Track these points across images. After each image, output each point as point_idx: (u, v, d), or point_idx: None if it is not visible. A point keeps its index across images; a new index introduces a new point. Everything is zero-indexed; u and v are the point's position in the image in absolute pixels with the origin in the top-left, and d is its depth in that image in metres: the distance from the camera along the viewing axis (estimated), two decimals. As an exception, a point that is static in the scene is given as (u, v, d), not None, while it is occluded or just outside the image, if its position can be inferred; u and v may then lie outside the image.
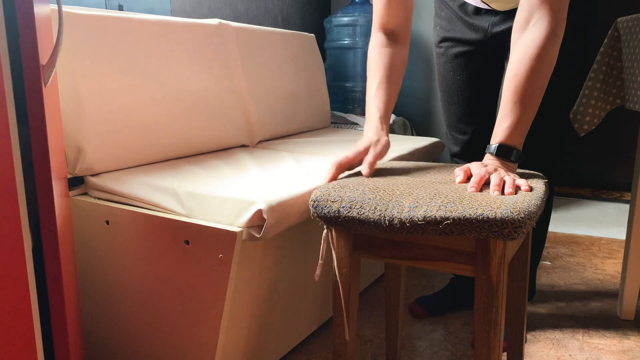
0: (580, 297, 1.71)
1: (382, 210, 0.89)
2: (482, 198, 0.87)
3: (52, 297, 0.83)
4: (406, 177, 1.04)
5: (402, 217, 0.87)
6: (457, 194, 0.90)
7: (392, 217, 0.88)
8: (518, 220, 0.81)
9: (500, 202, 0.85)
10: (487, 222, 0.82)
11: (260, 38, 1.85)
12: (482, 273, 0.88)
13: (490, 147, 1.01)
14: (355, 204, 0.92)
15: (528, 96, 0.98)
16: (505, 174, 0.94)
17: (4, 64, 0.67)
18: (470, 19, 1.37)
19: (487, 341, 0.89)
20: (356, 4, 2.53)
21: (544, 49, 0.97)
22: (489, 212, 0.82)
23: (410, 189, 0.94)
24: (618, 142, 2.89)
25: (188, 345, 1.12)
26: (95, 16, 1.28)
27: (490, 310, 0.88)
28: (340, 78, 2.55)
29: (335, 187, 0.97)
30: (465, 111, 1.44)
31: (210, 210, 1.07)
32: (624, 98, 1.49)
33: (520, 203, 0.85)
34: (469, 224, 0.83)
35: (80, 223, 1.20)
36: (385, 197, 0.91)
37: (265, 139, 1.83)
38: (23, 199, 0.71)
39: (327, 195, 0.95)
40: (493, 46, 1.37)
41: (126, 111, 1.31)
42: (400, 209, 0.88)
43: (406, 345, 1.43)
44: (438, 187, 0.95)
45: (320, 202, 0.95)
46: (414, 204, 0.88)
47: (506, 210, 0.82)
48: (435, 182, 1.00)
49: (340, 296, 1.00)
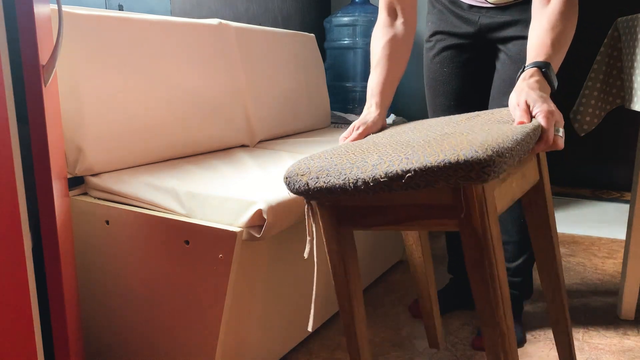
0: (580, 297, 1.71)
1: (346, 174, 0.82)
2: (450, 141, 0.80)
3: (52, 297, 0.83)
4: (389, 136, 0.97)
5: (365, 177, 0.80)
6: (426, 143, 0.82)
7: (356, 179, 0.81)
8: (484, 160, 0.72)
9: (467, 142, 0.77)
10: (450, 168, 0.73)
11: (260, 38, 1.85)
12: (466, 226, 0.79)
13: (537, 63, 0.99)
14: (322, 172, 0.85)
15: (561, 39, 1.01)
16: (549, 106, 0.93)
17: (4, 64, 0.67)
18: (462, 13, 1.38)
19: (487, 299, 0.80)
20: (356, 4, 2.53)
21: (567, 10, 1.03)
22: (451, 155, 0.74)
23: (381, 146, 0.88)
24: (618, 142, 2.89)
25: (188, 345, 1.12)
26: (95, 16, 1.28)
27: (482, 265, 0.79)
28: (340, 78, 2.55)
29: (307, 159, 0.92)
30: (451, 103, 1.43)
31: (210, 210, 1.07)
32: (624, 98, 1.49)
33: (491, 140, 0.77)
34: (432, 173, 0.75)
35: (80, 223, 1.20)
36: (350, 160, 0.85)
37: (265, 139, 1.83)
38: (23, 199, 0.71)
39: (297, 170, 0.88)
40: (484, 40, 1.38)
41: (126, 111, 1.31)
42: (364, 169, 0.81)
43: (406, 345, 1.43)
44: (411, 136, 0.89)
45: (291, 178, 0.89)
46: (378, 161, 0.81)
47: (470, 150, 0.74)
48: (415, 132, 0.93)
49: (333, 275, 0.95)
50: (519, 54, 1.31)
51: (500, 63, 1.36)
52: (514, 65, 1.32)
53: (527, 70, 0.99)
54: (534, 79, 0.97)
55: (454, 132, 0.88)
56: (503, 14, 1.32)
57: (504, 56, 1.35)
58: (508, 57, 1.33)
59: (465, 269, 1.58)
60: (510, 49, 1.33)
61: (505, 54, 1.34)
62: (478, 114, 1.06)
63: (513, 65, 1.32)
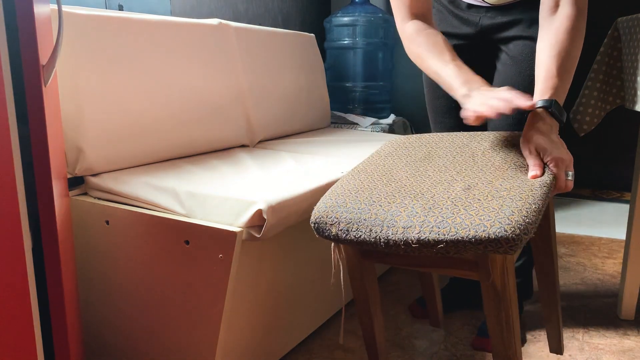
0: (580, 297, 1.71)
1: (377, 232, 0.88)
2: (478, 209, 0.85)
3: (52, 297, 0.83)
4: (409, 174, 1.02)
5: (397, 238, 0.86)
6: (452, 203, 0.88)
7: (387, 239, 0.87)
8: (513, 239, 0.79)
9: (495, 214, 0.82)
10: (481, 243, 0.80)
11: (260, 38, 1.85)
12: (486, 280, 0.88)
13: (545, 101, 0.99)
14: (351, 226, 0.91)
15: (567, 64, 1.02)
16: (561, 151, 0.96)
17: (4, 64, 0.67)
18: (461, 13, 1.36)
19: (501, 340, 0.91)
20: (356, 4, 2.53)
21: (575, 26, 1.03)
22: (482, 232, 0.80)
23: (409, 195, 0.93)
24: (618, 142, 2.89)
25: (188, 345, 1.12)
26: (95, 16, 1.28)
27: (500, 313, 0.89)
28: (340, 78, 2.55)
29: (334, 204, 0.96)
30: (452, 105, 1.42)
31: (210, 210, 1.07)
32: (623, 98, 1.49)
33: (518, 214, 0.82)
34: (463, 246, 0.81)
35: (80, 223, 1.20)
36: (380, 215, 0.90)
37: (265, 139, 1.83)
38: (23, 199, 0.71)
39: (326, 217, 0.94)
40: (484, 41, 1.36)
41: (126, 111, 1.31)
42: (394, 229, 0.87)
43: (406, 345, 1.43)
44: (437, 189, 0.93)
45: (320, 225, 0.95)
46: (408, 223, 0.86)
47: (500, 228, 0.79)
48: (438, 177, 0.98)
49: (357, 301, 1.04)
50: (520, 54, 1.30)
51: (501, 63, 1.35)
52: (515, 65, 1.31)
53: (535, 110, 1.01)
54: (541, 122, 0.99)
55: (476, 184, 0.93)
56: (504, 15, 1.31)
57: (504, 56, 1.34)
58: (509, 57, 1.32)
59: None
60: (512, 49, 1.32)
61: (506, 54, 1.33)
62: (489, 140, 1.10)
63: (514, 66, 1.31)
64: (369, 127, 2.31)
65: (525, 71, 1.29)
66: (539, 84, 1.03)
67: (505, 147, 1.06)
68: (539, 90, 1.02)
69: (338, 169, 1.37)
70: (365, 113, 2.52)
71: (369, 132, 2.17)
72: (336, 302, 1.55)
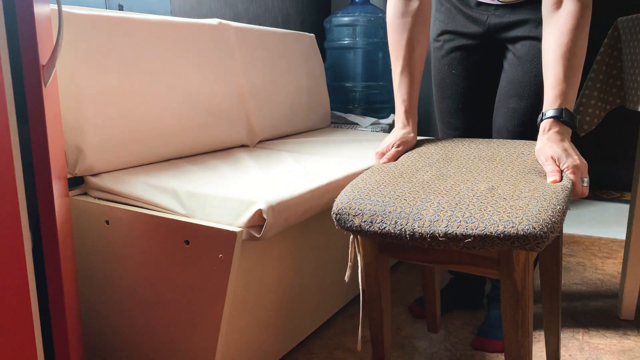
0: (580, 297, 1.71)
1: (402, 225, 0.88)
2: (505, 207, 0.86)
3: (52, 297, 0.83)
4: (429, 176, 1.02)
5: (423, 231, 0.86)
6: (478, 200, 0.88)
7: (412, 231, 0.87)
8: (540, 236, 0.80)
9: (522, 212, 0.83)
10: (509, 239, 0.81)
11: (260, 38, 1.85)
12: (507, 278, 0.89)
13: (556, 111, 1.02)
14: (376, 217, 0.91)
15: (574, 65, 1.03)
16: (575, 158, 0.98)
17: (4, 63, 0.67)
18: (470, 12, 1.36)
19: (515, 339, 0.92)
20: (356, 4, 2.53)
21: (579, 23, 1.03)
22: (510, 228, 0.81)
23: (432, 193, 0.93)
24: (618, 142, 2.89)
25: (188, 345, 1.12)
26: (95, 16, 1.28)
27: (517, 311, 0.90)
28: (340, 78, 2.55)
29: (356, 196, 0.96)
30: (458, 106, 1.43)
31: (210, 210, 1.07)
32: (624, 98, 1.49)
33: (544, 214, 0.83)
34: (491, 241, 0.82)
35: (80, 223, 1.20)
36: (405, 209, 0.90)
37: (265, 139, 1.83)
38: (23, 199, 0.71)
39: (349, 209, 0.94)
40: (492, 40, 1.36)
41: (126, 111, 1.31)
42: (420, 222, 0.87)
43: (406, 345, 1.43)
44: (461, 187, 0.94)
45: (342, 216, 0.95)
46: (435, 217, 0.87)
47: (528, 225, 0.81)
48: (460, 177, 0.99)
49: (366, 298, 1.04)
50: (527, 54, 1.30)
51: (508, 63, 1.35)
52: (522, 66, 1.30)
53: (546, 121, 1.03)
54: (553, 131, 1.02)
55: (499, 185, 0.94)
56: (512, 14, 1.30)
57: (511, 56, 1.33)
58: (516, 57, 1.32)
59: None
60: (519, 49, 1.31)
61: (514, 54, 1.33)
62: (506, 147, 1.14)
63: (521, 66, 1.30)
64: (369, 127, 2.31)
65: (532, 71, 1.29)
66: (548, 91, 1.04)
67: (522, 153, 1.09)
68: (548, 98, 1.04)
69: (338, 169, 1.36)
70: (365, 113, 2.51)
71: (369, 132, 2.17)
72: (336, 302, 1.55)
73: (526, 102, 1.30)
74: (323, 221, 1.38)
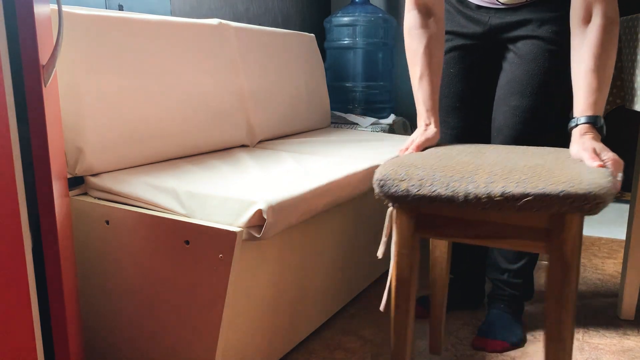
0: (580, 297, 1.71)
1: (455, 187, 0.86)
2: (559, 173, 0.86)
3: (52, 297, 0.83)
4: (471, 156, 1.01)
5: (479, 192, 0.84)
6: (530, 170, 0.87)
7: (467, 192, 0.85)
8: (599, 196, 0.80)
9: (578, 177, 0.84)
10: (568, 198, 0.80)
11: (260, 38, 1.85)
12: (557, 250, 0.86)
13: (590, 118, 1.04)
14: (425, 181, 0.89)
15: (605, 76, 1.05)
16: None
17: (4, 64, 0.67)
18: (470, 12, 1.36)
19: (558, 318, 0.87)
20: (356, 4, 2.53)
21: (609, 38, 1.06)
22: (570, 187, 0.81)
23: (480, 165, 0.92)
24: (618, 142, 2.88)
25: (188, 345, 1.12)
26: (95, 16, 1.28)
27: (565, 287, 0.86)
28: (340, 78, 2.55)
29: (400, 165, 0.94)
30: (455, 105, 1.43)
31: (210, 210, 1.07)
32: (624, 98, 1.49)
33: (599, 179, 0.84)
34: (550, 200, 0.81)
35: (80, 223, 1.20)
36: (456, 174, 0.89)
37: (266, 139, 1.83)
38: (23, 199, 0.71)
39: (395, 174, 0.92)
40: (492, 41, 1.36)
41: (126, 111, 1.31)
42: (475, 184, 0.85)
43: (406, 345, 1.43)
44: (509, 163, 0.93)
45: (387, 181, 0.92)
46: (489, 179, 0.85)
47: (589, 185, 0.81)
48: (503, 158, 0.98)
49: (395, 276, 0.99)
50: (529, 53, 1.30)
51: (508, 63, 1.34)
52: (524, 64, 1.30)
53: (582, 126, 1.04)
54: (589, 136, 1.03)
55: (545, 162, 0.94)
56: (514, 15, 1.30)
57: (512, 55, 1.33)
58: (518, 56, 1.32)
59: (466, 268, 1.59)
60: (521, 48, 1.31)
61: (515, 53, 1.32)
62: (532, 149, 1.11)
63: (523, 65, 1.30)
64: (369, 127, 2.31)
65: (533, 70, 1.29)
66: (581, 99, 1.06)
67: (552, 151, 1.08)
68: (581, 106, 1.06)
69: (338, 169, 1.36)
70: (365, 113, 2.51)
71: (369, 132, 2.17)
72: (336, 302, 1.55)
73: (528, 100, 1.30)
74: (323, 221, 1.38)
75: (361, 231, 1.61)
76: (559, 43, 1.27)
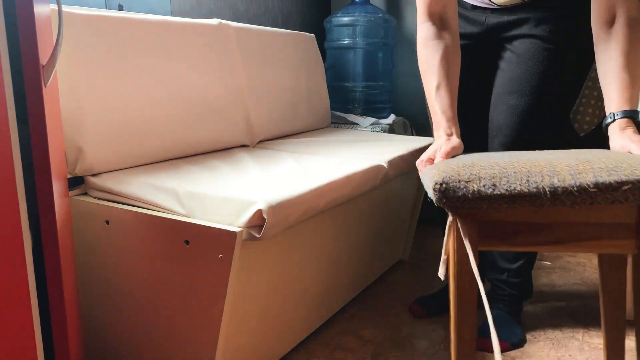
0: (580, 297, 1.71)
1: (537, 182, 0.75)
2: (633, 163, 0.77)
3: (52, 297, 0.83)
4: (516, 157, 0.87)
5: (567, 185, 0.74)
6: (607, 159, 0.78)
7: (552, 186, 0.75)
8: None
9: None
10: None
11: (260, 38, 1.85)
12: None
13: (627, 112, 1.02)
14: (498, 180, 0.77)
15: (636, 73, 1.05)
16: None
17: (4, 64, 0.67)
18: (466, 13, 1.37)
19: None
20: (356, 4, 2.53)
21: (635, 35, 1.05)
22: None
23: (547, 161, 0.80)
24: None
25: (188, 345, 1.12)
26: (95, 16, 1.28)
27: None
28: (340, 78, 2.55)
29: (461, 167, 0.81)
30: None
31: (210, 210, 1.07)
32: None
33: None
34: None
35: (80, 223, 1.20)
36: (533, 169, 0.78)
37: (266, 139, 1.83)
38: (23, 199, 0.71)
39: (458, 176, 0.78)
40: (489, 40, 1.37)
41: (126, 111, 1.31)
42: (560, 176, 0.75)
43: (406, 345, 1.43)
44: (579, 157, 0.82)
45: (450, 185, 0.78)
46: (575, 170, 0.76)
47: None
48: (554, 157, 0.85)
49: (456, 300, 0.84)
50: (527, 52, 1.30)
51: (506, 62, 1.35)
52: (522, 63, 1.30)
53: (621, 120, 1.02)
54: (631, 130, 1.01)
55: (606, 157, 0.82)
56: (510, 14, 1.31)
57: (510, 54, 1.33)
58: (515, 55, 1.32)
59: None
60: (518, 47, 1.31)
61: (512, 52, 1.33)
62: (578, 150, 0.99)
63: (521, 64, 1.31)
64: (369, 127, 2.31)
65: (532, 69, 1.29)
66: (615, 95, 1.05)
67: (587, 151, 0.95)
68: (616, 101, 1.05)
69: (338, 169, 1.36)
70: (365, 113, 2.51)
71: (369, 132, 2.17)
72: (336, 302, 1.55)
73: (527, 99, 1.31)
74: (323, 221, 1.38)
75: (361, 231, 1.61)
76: (556, 42, 1.28)
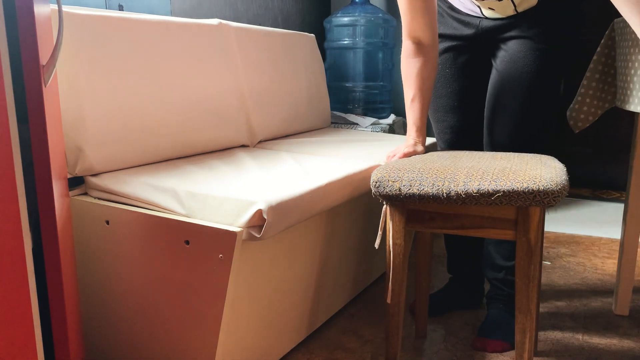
0: (580, 297, 1.71)
1: (439, 186, 1.05)
2: (522, 174, 1.04)
3: (52, 297, 0.83)
4: (449, 161, 1.19)
5: (459, 190, 1.04)
6: (500, 172, 1.07)
7: (449, 190, 1.04)
8: (557, 192, 1.00)
9: (539, 176, 1.03)
10: (531, 194, 1.00)
11: (261, 38, 1.85)
12: (523, 236, 1.06)
13: None
14: (414, 182, 1.08)
15: None
16: None
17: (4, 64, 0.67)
18: (461, 16, 1.40)
19: (526, 293, 1.07)
20: (356, 4, 2.53)
21: None
22: (532, 185, 1.01)
23: (458, 168, 1.10)
24: (617, 142, 2.88)
25: (188, 345, 1.12)
26: (95, 16, 1.28)
27: (529, 266, 1.06)
28: (340, 78, 2.55)
29: (392, 169, 1.12)
30: (454, 104, 1.45)
31: (210, 210, 1.07)
32: (612, 102, 1.51)
33: (556, 177, 1.03)
34: (517, 195, 1.01)
35: (80, 223, 1.20)
36: (440, 175, 1.08)
37: (265, 139, 1.83)
38: (23, 199, 0.71)
39: (388, 176, 1.11)
40: (482, 41, 1.39)
41: (126, 111, 1.31)
42: (456, 183, 1.05)
43: (406, 345, 1.43)
44: (481, 166, 1.12)
45: (382, 182, 1.10)
46: (467, 179, 1.05)
47: (547, 183, 1.01)
48: (476, 163, 1.16)
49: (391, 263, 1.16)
50: (520, 51, 1.32)
51: (499, 61, 1.37)
52: (514, 62, 1.33)
53: None
54: None
55: (512, 164, 1.13)
56: (503, 19, 1.34)
57: (503, 54, 1.35)
58: (508, 54, 1.34)
59: (465, 268, 1.59)
60: (511, 47, 1.34)
61: (505, 52, 1.35)
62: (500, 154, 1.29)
63: (514, 63, 1.33)
64: (369, 127, 2.31)
65: (524, 68, 1.32)
66: None
67: (515, 156, 1.25)
68: None
69: (338, 169, 1.37)
70: (365, 113, 2.52)
71: (369, 132, 2.17)
72: (336, 302, 1.55)
73: (520, 98, 1.33)
74: (323, 221, 1.38)
75: (361, 231, 1.61)
76: (549, 42, 1.30)
